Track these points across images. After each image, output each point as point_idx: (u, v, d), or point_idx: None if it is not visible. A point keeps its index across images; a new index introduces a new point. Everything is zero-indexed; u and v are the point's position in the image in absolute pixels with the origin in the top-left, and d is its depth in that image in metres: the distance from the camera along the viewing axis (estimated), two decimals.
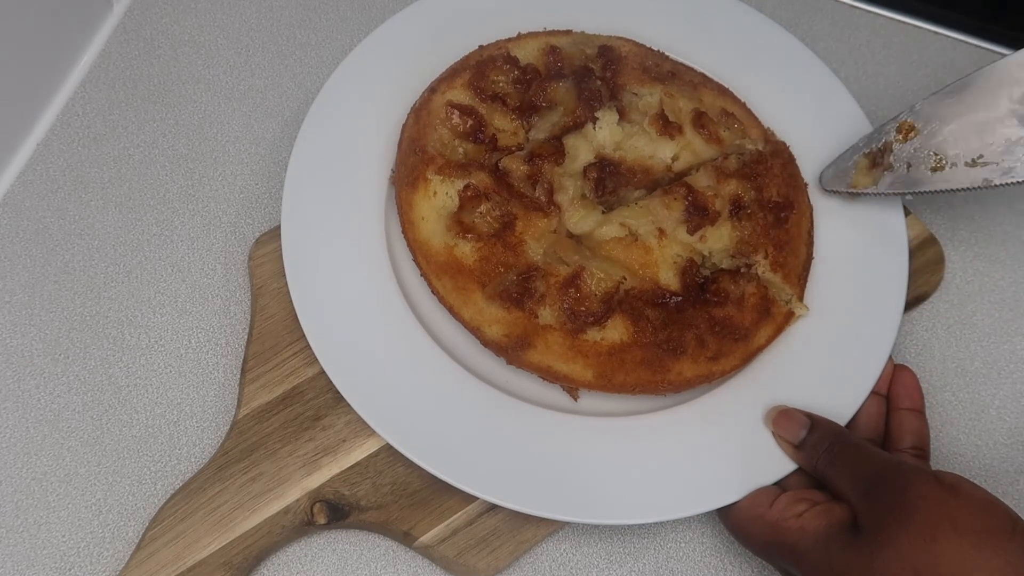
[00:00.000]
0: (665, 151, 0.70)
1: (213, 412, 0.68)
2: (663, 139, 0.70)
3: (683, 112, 0.71)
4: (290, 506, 0.63)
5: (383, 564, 0.64)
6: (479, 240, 0.66)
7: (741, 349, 0.66)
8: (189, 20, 0.82)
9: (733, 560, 0.65)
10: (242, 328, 0.70)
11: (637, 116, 0.70)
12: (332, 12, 0.84)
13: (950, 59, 0.84)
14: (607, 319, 0.64)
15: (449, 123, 0.70)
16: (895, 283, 0.69)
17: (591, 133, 0.69)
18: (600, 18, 0.77)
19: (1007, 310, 0.74)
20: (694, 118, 0.71)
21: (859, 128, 0.74)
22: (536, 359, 0.64)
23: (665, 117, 0.70)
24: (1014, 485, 0.68)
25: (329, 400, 0.66)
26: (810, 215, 0.71)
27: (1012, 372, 0.72)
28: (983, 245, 0.76)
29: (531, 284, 0.65)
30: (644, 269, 0.66)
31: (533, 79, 0.72)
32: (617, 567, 0.64)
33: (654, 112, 0.70)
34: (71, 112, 0.77)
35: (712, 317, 0.65)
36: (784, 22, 0.81)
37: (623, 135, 0.70)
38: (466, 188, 0.67)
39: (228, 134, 0.78)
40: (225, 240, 0.73)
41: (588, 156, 0.69)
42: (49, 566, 0.63)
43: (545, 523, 0.63)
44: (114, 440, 0.66)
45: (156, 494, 0.65)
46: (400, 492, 0.64)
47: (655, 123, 0.70)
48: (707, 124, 0.71)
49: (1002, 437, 0.70)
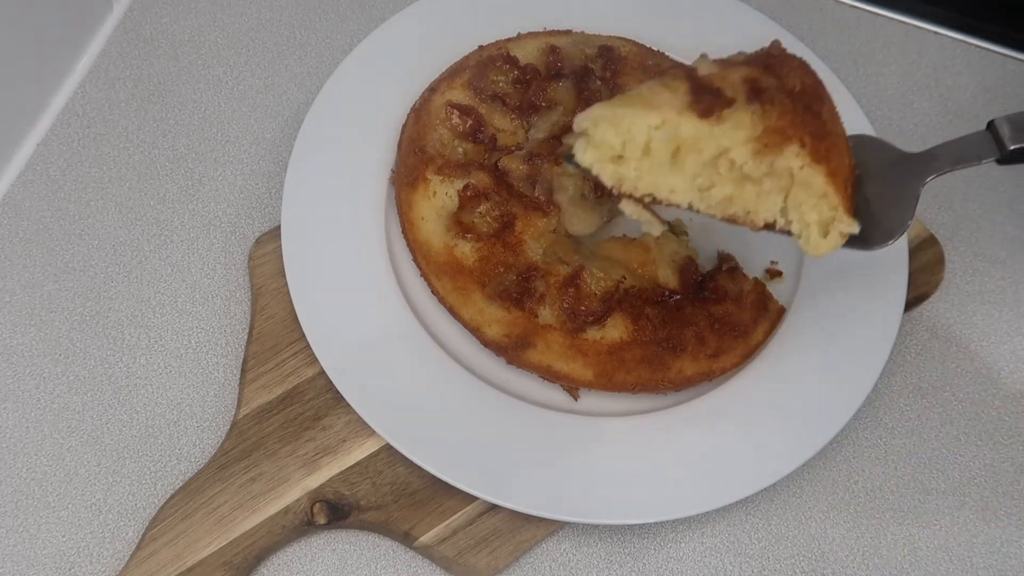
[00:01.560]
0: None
1: (213, 412, 0.68)
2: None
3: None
4: (290, 506, 0.63)
5: (383, 564, 0.64)
6: (479, 240, 0.66)
7: (741, 346, 0.66)
8: (189, 20, 0.82)
9: (733, 560, 0.65)
10: (242, 328, 0.70)
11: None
12: (332, 12, 0.84)
13: (950, 59, 0.84)
14: (607, 318, 0.64)
15: (449, 123, 0.70)
16: (895, 283, 0.69)
17: None
18: (600, 18, 0.77)
19: (1007, 310, 0.74)
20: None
21: (859, 128, 0.74)
22: (536, 359, 0.64)
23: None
24: (1014, 485, 0.68)
25: (329, 400, 0.66)
26: (843, 125, 0.58)
27: (1012, 372, 0.72)
28: (983, 245, 0.76)
29: (531, 284, 0.65)
30: (643, 267, 0.66)
31: (533, 79, 0.72)
32: (617, 567, 0.64)
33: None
34: (71, 112, 0.77)
35: (712, 314, 0.65)
36: (784, 22, 0.81)
37: None
38: (466, 188, 0.67)
39: (228, 134, 0.78)
40: (225, 240, 0.73)
41: None
42: (49, 566, 0.63)
43: (545, 523, 0.63)
44: (114, 440, 0.66)
45: (156, 494, 0.65)
46: (400, 492, 0.64)
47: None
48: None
49: (1002, 437, 0.70)
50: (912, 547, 0.66)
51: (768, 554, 0.65)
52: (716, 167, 0.54)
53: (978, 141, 0.60)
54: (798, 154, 0.52)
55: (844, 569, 0.65)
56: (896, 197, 0.60)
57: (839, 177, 0.54)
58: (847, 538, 0.66)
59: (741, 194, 0.55)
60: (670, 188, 0.56)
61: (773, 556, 0.65)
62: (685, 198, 0.56)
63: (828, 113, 0.56)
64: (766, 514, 0.66)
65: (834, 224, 0.55)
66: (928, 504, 0.67)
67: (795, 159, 0.52)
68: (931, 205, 0.78)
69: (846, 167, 0.55)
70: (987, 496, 0.68)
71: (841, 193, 0.54)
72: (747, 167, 0.53)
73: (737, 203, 0.56)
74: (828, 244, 0.55)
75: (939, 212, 0.77)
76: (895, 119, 0.81)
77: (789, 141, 0.52)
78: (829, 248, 0.56)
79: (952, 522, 0.67)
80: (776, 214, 0.56)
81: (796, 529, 0.66)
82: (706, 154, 0.54)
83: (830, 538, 0.66)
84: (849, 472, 0.68)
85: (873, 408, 0.70)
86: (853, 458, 0.68)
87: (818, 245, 0.56)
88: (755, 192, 0.55)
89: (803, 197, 0.54)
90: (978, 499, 0.67)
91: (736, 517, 0.66)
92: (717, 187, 0.55)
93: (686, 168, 0.55)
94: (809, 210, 0.55)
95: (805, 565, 0.65)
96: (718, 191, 0.55)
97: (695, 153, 0.54)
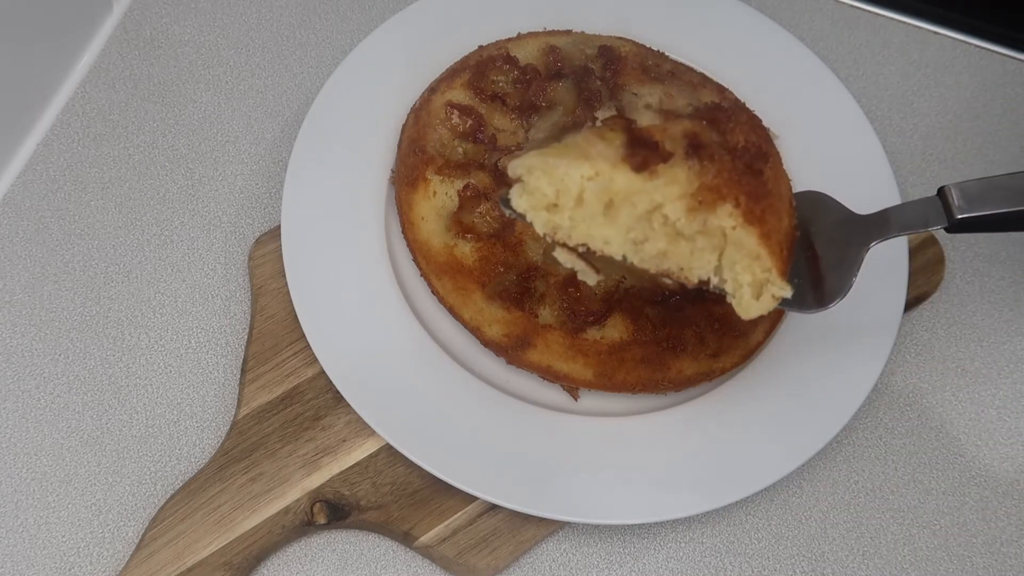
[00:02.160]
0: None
1: (213, 412, 0.68)
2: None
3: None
4: (290, 506, 0.63)
5: (383, 564, 0.64)
6: (479, 240, 0.66)
7: (741, 346, 0.66)
8: (189, 20, 0.82)
9: (733, 560, 0.65)
10: (242, 328, 0.70)
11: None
12: (332, 12, 0.84)
13: (950, 59, 0.84)
14: (607, 318, 0.64)
15: (449, 123, 0.70)
16: (895, 283, 0.69)
17: None
18: (600, 18, 0.77)
19: (1007, 310, 0.74)
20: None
21: (860, 128, 0.74)
22: (536, 359, 0.64)
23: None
24: (1014, 485, 0.68)
25: (329, 400, 0.66)
26: (789, 184, 0.59)
27: (1012, 372, 0.72)
28: (983, 245, 0.76)
29: (531, 284, 0.65)
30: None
31: (533, 79, 0.72)
32: (617, 567, 0.64)
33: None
34: (71, 112, 0.77)
35: (711, 314, 0.65)
36: (784, 22, 0.81)
37: None
38: (466, 188, 0.67)
39: (228, 134, 0.78)
40: (225, 240, 0.73)
41: None
42: (49, 566, 0.63)
43: (545, 523, 0.63)
44: (114, 440, 0.66)
45: (156, 494, 0.65)
46: (400, 492, 0.64)
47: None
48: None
49: (1002, 437, 0.70)
50: (912, 547, 0.66)
51: (768, 554, 0.65)
52: (650, 221, 0.53)
53: (927, 208, 0.58)
54: (731, 214, 0.51)
55: (844, 569, 0.65)
56: (839, 260, 0.59)
57: (773, 239, 0.52)
58: (847, 538, 0.66)
59: (675, 250, 0.54)
60: (604, 239, 0.55)
61: (773, 556, 0.65)
62: (619, 250, 0.55)
63: (771, 171, 0.55)
64: (766, 514, 0.66)
65: (767, 287, 0.54)
66: (928, 504, 0.67)
67: (728, 219, 0.52)
68: None
69: (784, 228, 0.54)
70: (987, 496, 0.68)
71: (775, 255, 0.52)
72: (680, 224, 0.52)
73: (671, 259, 0.55)
74: (760, 307, 0.54)
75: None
76: (895, 119, 0.81)
77: (723, 200, 0.51)
78: (761, 310, 0.54)
79: (952, 522, 0.67)
80: (710, 272, 0.55)
81: (796, 529, 0.66)
82: (639, 208, 0.53)
83: (830, 538, 0.66)
84: (849, 472, 0.68)
85: (873, 408, 0.70)
86: (853, 458, 0.68)
87: (749, 307, 0.54)
88: (689, 249, 0.54)
89: (736, 257, 0.53)
90: (978, 499, 0.67)
91: (736, 517, 0.66)
92: (651, 241, 0.54)
93: (620, 220, 0.54)
94: (742, 271, 0.54)
95: (805, 565, 0.65)
96: (651, 245, 0.54)
97: (628, 206, 0.53)
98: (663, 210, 0.53)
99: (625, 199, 0.53)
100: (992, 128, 0.81)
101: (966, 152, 0.80)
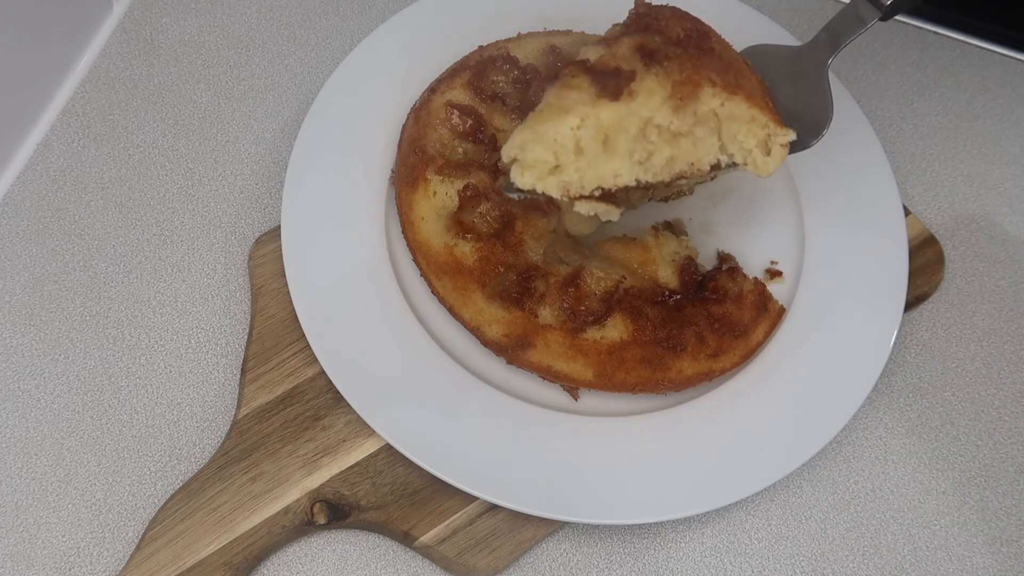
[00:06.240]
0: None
1: (213, 412, 0.68)
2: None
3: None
4: (290, 506, 0.63)
5: (383, 564, 0.64)
6: (479, 240, 0.66)
7: (741, 346, 0.66)
8: (189, 20, 0.82)
9: (733, 560, 0.65)
10: (242, 328, 0.70)
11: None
12: (332, 12, 0.84)
13: (950, 59, 0.84)
14: (607, 318, 0.64)
15: (449, 123, 0.70)
16: (895, 283, 0.69)
17: None
18: (600, 18, 0.77)
19: (1007, 310, 0.74)
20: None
21: (860, 128, 0.74)
22: (536, 359, 0.64)
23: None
24: (1014, 485, 0.68)
25: (329, 400, 0.66)
26: (734, 49, 0.62)
27: (1012, 372, 0.72)
28: (983, 245, 0.76)
29: (531, 284, 0.65)
30: (643, 267, 0.66)
31: (533, 79, 0.72)
32: (617, 567, 0.64)
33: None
34: (71, 112, 0.77)
35: (711, 314, 0.65)
36: (784, 22, 0.81)
37: None
38: (466, 188, 0.67)
39: (228, 134, 0.78)
40: (225, 240, 0.73)
41: None
42: (49, 566, 0.63)
43: (545, 523, 0.63)
44: (114, 440, 0.66)
45: (156, 494, 0.65)
46: (400, 492, 0.64)
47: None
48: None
49: (1002, 437, 0.70)
50: (912, 547, 0.66)
51: (768, 554, 0.65)
52: (646, 137, 0.56)
53: (856, 8, 0.62)
54: (713, 94, 0.55)
55: (844, 569, 0.65)
56: (808, 92, 0.62)
57: (757, 98, 0.56)
58: (847, 538, 0.66)
59: (679, 151, 0.57)
60: (614, 174, 0.58)
61: (773, 556, 0.65)
62: (631, 176, 0.58)
63: (719, 44, 0.59)
64: (766, 514, 0.66)
65: (772, 140, 0.57)
66: (928, 504, 0.67)
67: (713, 99, 0.55)
68: (931, 205, 0.78)
69: (757, 85, 0.58)
70: (987, 496, 0.68)
71: (766, 109, 0.56)
72: (673, 125, 0.56)
73: (679, 160, 0.58)
74: (775, 159, 0.58)
75: (939, 212, 0.77)
76: (895, 119, 0.81)
77: (699, 86, 0.55)
78: (777, 162, 0.58)
79: (952, 522, 0.67)
80: (717, 153, 0.58)
81: (796, 529, 0.66)
82: (633, 130, 0.56)
83: (830, 538, 0.66)
84: (849, 472, 0.68)
85: (873, 408, 0.70)
86: (853, 458, 0.68)
87: (766, 165, 0.58)
88: (691, 143, 0.57)
89: (735, 128, 0.57)
90: (978, 499, 0.67)
91: (736, 517, 0.66)
92: (655, 154, 0.57)
93: (620, 149, 0.57)
94: (745, 137, 0.57)
95: (805, 565, 0.65)
96: (658, 157, 0.57)
97: (623, 133, 0.56)
98: (654, 121, 0.56)
99: (617, 128, 0.56)
100: (992, 128, 0.81)
101: (966, 152, 0.80)
